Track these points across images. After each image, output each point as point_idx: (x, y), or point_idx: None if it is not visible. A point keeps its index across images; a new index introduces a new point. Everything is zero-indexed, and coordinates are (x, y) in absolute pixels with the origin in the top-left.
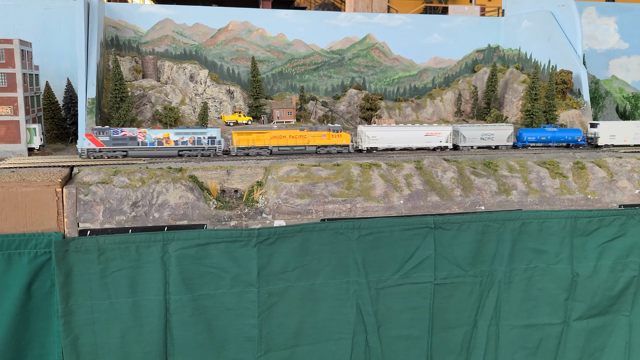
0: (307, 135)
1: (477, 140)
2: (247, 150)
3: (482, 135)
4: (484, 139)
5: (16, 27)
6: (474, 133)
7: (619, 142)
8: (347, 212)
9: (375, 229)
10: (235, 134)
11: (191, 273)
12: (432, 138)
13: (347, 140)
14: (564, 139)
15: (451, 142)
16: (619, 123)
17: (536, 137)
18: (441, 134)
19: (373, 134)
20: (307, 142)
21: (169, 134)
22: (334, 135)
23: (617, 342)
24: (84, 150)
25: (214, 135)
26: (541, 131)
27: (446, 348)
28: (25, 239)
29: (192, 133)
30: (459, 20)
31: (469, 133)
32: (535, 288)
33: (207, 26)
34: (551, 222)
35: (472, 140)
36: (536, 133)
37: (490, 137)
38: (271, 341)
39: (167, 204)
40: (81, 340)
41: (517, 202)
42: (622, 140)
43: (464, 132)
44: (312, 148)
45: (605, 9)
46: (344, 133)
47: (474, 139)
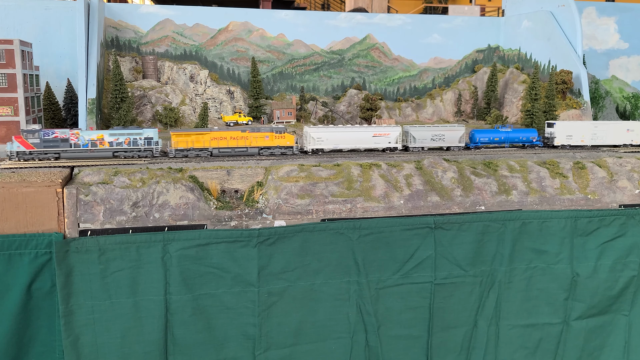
0: (249, 136)
1: (427, 141)
2: (185, 152)
3: (433, 136)
4: (434, 140)
5: (16, 28)
6: (424, 134)
7: (576, 143)
8: (347, 212)
9: (375, 229)
10: (173, 135)
11: (191, 273)
12: (380, 139)
13: (291, 142)
14: (518, 139)
15: (401, 143)
16: (576, 123)
17: (489, 137)
18: (390, 135)
19: (318, 136)
20: (249, 144)
21: (103, 135)
22: (278, 137)
23: (617, 341)
24: (13, 153)
25: (151, 136)
26: (494, 132)
27: (446, 347)
28: (25, 240)
29: (127, 134)
30: (459, 20)
31: (419, 134)
32: (535, 288)
33: (207, 26)
34: (551, 222)
35: (423, 142)
36: (489, 134)
37: (441, 138)
38: (271, 339)
39: (168, 204)
40: (82, 340)
41: (517, 202)
42: (579, 141)
43: (414, 133)
44: (254, 149)
45: (605, 9)
46: (287, 134)
47: (424, 140)
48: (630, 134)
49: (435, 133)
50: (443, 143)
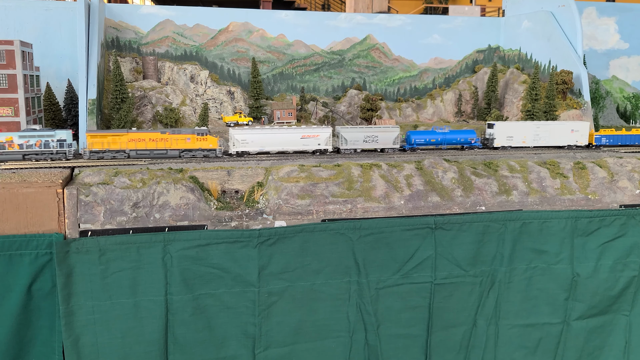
0: (169, 138)
1: (359, 142)
2: (100, 154)
3: (366, 137)
4: (367, 141)
5: (17, 29)
6: (356, 135)
7: (517, 144)
8: (347, 212)
9: (375, 230)
10: (88, 136)
11: (192, 274)
12: (309, 141)
13: (213, 144)
14: (456, 140)
15: (331, 144)
16: (517, 124)
17: (425, 139)
18: (319, 137)
19: (243, 138)
20: (169, 146)
21: (12, 137)
22: (200, 139)
23: (617, 341)
24: None
25: (64, 137)
26: (431, 133)
27: (445, 346)
28: (26, 240)
29: (38, 136)
30: (459, 20)
31: (351, 135)
32: (535, 288)
33: (208, 27)
34: (552, 222)
35: (355, 143)
36: (425, 135)
37: (374, 139)
38: (271, 338)
39: (168, 205)
40: (82, 341)
41: (517, 202)
42: (520, 142)
43: (345, 135)
44: (175, 152)
45: (605, 9)
46: (210, 136)
47: (357, 142)
48: (575, 134)
49: (368, 134)
50: (377, 145)
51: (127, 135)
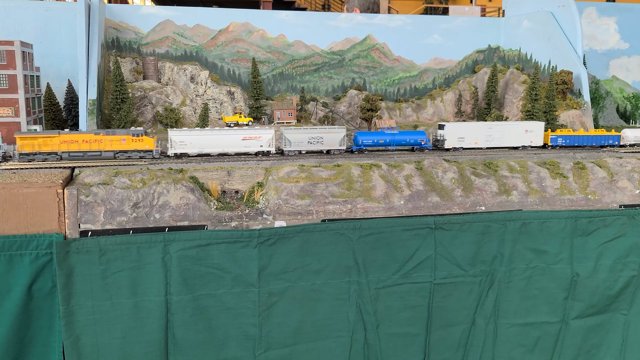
0: (103, 139)
1: (304, 144)
2: (31, 157)
3: (310, 138)
4: (312, 142)
5: (17, 29)
6: (300, 137)
7: (469, 145)
8: (347, 212)
9: (375, 230)
10: (18, 138)
11: (192, 274)
12: (251, 142)
13: (150, 145)
14: (405, 142)
15: (274, 146)
16: (468, 124)
17: (373, 140)
18: (262, 138)
19: (181, 139)
20: (104, 147)
21: None
22: (135, 140)
23: (614, 339)
24: None
25: None
26: (379, 134)
27: (444, 345)
28: (26, 240)
29: None
30: (459, 20)
31: (294, 137)
32: (535, 287)
33: (208, 27)
34: (551, 222)
35: (299, 145)
36: (373, 136)
37: (319, 140)
38: (271, 339)
39: (168, 205)
40: (82, 341)
41: (517, 202)
42: (472, 143)
43: (288, 136)
44: (109, 153)
45: (606, 9)
46: (146, 137)
47: (301, 143)
48: (529, 134)
49: (312, 136)
50: (322, 146)
51: (59, 137)
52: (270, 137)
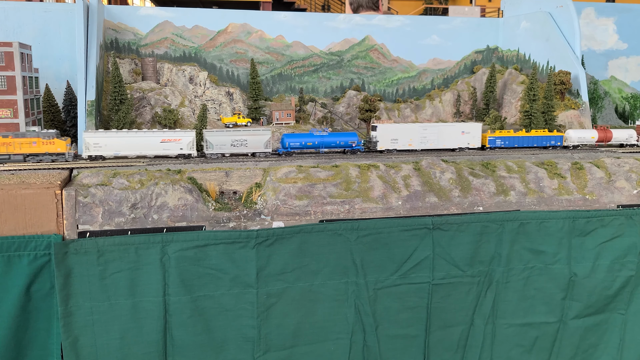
0: (12, 142)
1: (227, 147)
2: None
3: (233, 141)
4: (235, 145)
5: (16, 30)
6: (222, 139)
7: (403, 147)
8: (345, 213)
9: (373, 230)
10: None
11: (190, 274)
12: (170, 145)
13: (62, 148)
14: (335, 144)
15: (195, 149)
16: (402, 126)
17: (301, 142)
18: (181, 141)
19: (95, 141)
20: (13, 150)
21: None
22: (45, 142)
23: (612, 339)
24: None
25: None
26: (308, 136)
27: (443, 346)
28: (24, 241)
29: None
30: (458, 21)
31: (216, 139)
32: (533, 288)
33: (207, 28)
34: (549, 222)
35: (221, 147)
36: (301, 138)
37: (243, 143)
38: (270, 342)
39: (166, 206)
40: (81, 342)
41: (515, 202)
42: (406, 145)
43: (210, 138)
44: (19, 157)
45: (604, 9)
46: (58, 140)
47: (223, 146)
48: (466, 136)
49: (235, 138)
50: (246, 149)
51: None
52: (190, 139)
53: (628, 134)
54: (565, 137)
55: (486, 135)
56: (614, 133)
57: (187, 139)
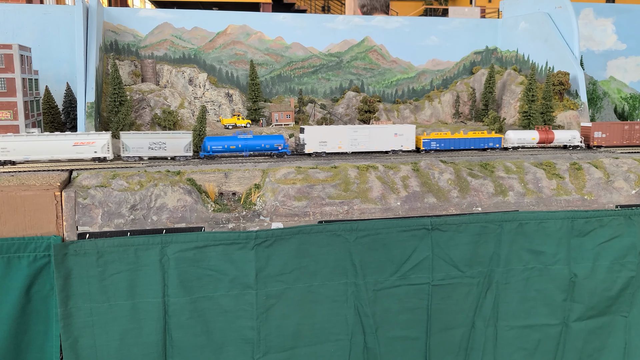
0: None
1: (144, 150)
2: None
3: (151, 144)
4: (153, 148)
5: (15, 32)
6: (139, 142)
7: (333, 149)
8: (344, 214)
9: (372, 231)
10: None
11: (189, 275)
12: (84, 148)
13: None
14: (260, 147)
15: (110, 152)
16: (331, 128)
17: (223, 145)
18: (95, 144)
19: (3, 145)
20: None
21: None
22: None
23: (616, 342)
24: None
25: None
26: (231, 139)
27: (444, 349)
28: (24, 243)
29: None
30: (457, 22)
31: (133, 142)
32: (533, 289)
33: (206, 30)
34: (548, 222)
35: (138, 150)
36: (224, 141)
37: (161, 146)
38: (269, 343)
39: (165, 207)
40: (80, 343)
41: (513, 203)
42: (336, 147)
43: (126, 141)
44: None
45: (603, 10)
46: None
47: (140, 149)
48: (399, 138)
49: (154, 141)
50: (165, 152)
51: None
52: (105, 142)
53: (571, 135)
54: (505, 138)
55: (420, 137)
56: (556, 134)
57: (102, 141)
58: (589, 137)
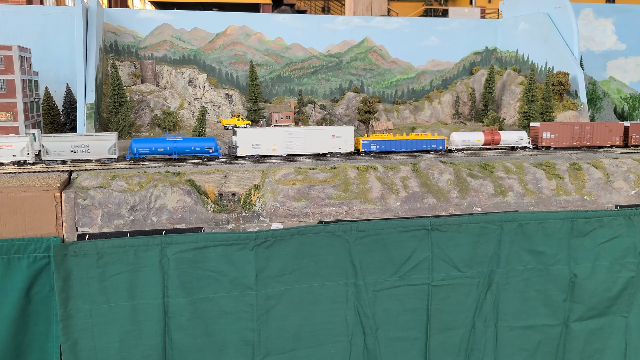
0: None
1: (66, 153)
2: None
3: (74, 147)
4: (75, 151)
5: (15, 34)
6: (60, 145)
7: (267, 152)
8: (344, 214)
9: (372, 231)
10: None
11: (189, 276)
12: (1, 152)
13: None
14: (190, 149)
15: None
16: (265, 130)
17: (150, 148)
18: (14, 147)
19: None
20: None
21: None
22: None
23: (616, 343)
24: None
25: None
26: (159, 141)
27: (444, 350)
28: (24, 244)
29: None
30: (456, 22)
31: (54, 145)
32: (533, 289)
33: (206, 31)
34: (548, 223)
35: (60, 154)
36: (152, 144)
37: (84, 149)
38: (270, 345)
39: (165, 208)
40: (80, 345)
41: (513, 203)
42: (270, 150)
43: (47, 144)
44: None
45: (602, 10)
46: None
47: (62, 152)
48: (338, 140)
49: (76, 144)
50: (88, 155)
51: None
52: (24, 145)
53: (518, 136)
54: (449, 140)
55: (360, 138)
56: (502, 135)
57: (20, 144)
58: (538, 138)
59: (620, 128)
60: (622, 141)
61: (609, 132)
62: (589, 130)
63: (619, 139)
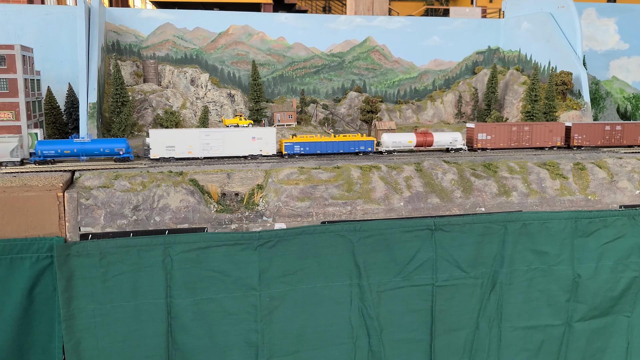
0: None
1: None
2: None
3: None
4: None
5: (17, 33)
6: None
7: (182, 154)
8: (347, 214)
9: (375, 231)
10: None
11: (192, 277)
12: None
13: None
14: (99, 151)
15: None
16: (179, 131)
17: (56, 150)
18: None
19: None
20: None
21: None
22: None
23: (619, 343)
24: None
25: None
26: (66, 143)
27: (449, 351)
28: (27, 244)
29: None
30: (459, 22)
31: None
32: (537, 289)
33: (208, 30)
34: (552, 223)
35: None
36: (58, 145)
37: None
38: (273, 346)
39: (168, 208)
40: (83, 344)
41: (517, 203)
42: (185, 152)
43: None
44: None
45: (605, 10)
46: None
47: None
48: (258, 142)
49: None
50: None
51: None
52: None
53: (452, 138)
54: (380, 141)
55: (283, 140)
56: (435, 137)
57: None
58: (473, 139)
59: (561, 128)
60: (563, 142)
61: (549, 132)
62: (527, 130)
63: (560, 139)
